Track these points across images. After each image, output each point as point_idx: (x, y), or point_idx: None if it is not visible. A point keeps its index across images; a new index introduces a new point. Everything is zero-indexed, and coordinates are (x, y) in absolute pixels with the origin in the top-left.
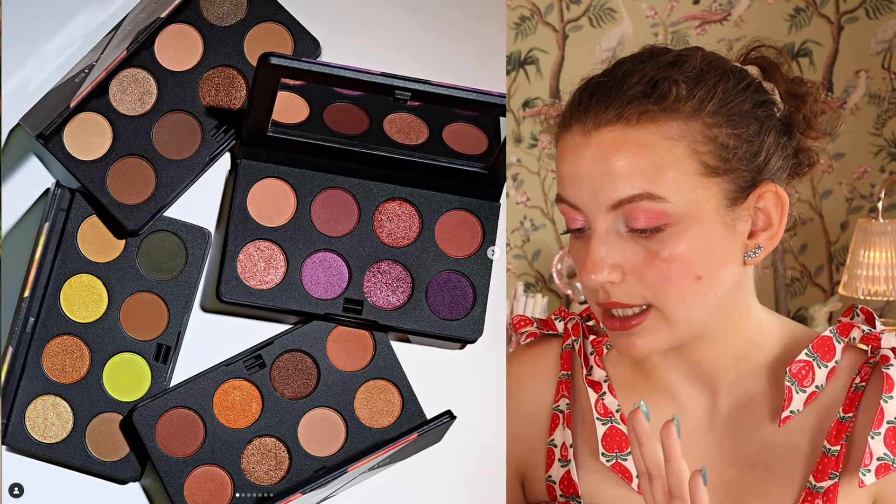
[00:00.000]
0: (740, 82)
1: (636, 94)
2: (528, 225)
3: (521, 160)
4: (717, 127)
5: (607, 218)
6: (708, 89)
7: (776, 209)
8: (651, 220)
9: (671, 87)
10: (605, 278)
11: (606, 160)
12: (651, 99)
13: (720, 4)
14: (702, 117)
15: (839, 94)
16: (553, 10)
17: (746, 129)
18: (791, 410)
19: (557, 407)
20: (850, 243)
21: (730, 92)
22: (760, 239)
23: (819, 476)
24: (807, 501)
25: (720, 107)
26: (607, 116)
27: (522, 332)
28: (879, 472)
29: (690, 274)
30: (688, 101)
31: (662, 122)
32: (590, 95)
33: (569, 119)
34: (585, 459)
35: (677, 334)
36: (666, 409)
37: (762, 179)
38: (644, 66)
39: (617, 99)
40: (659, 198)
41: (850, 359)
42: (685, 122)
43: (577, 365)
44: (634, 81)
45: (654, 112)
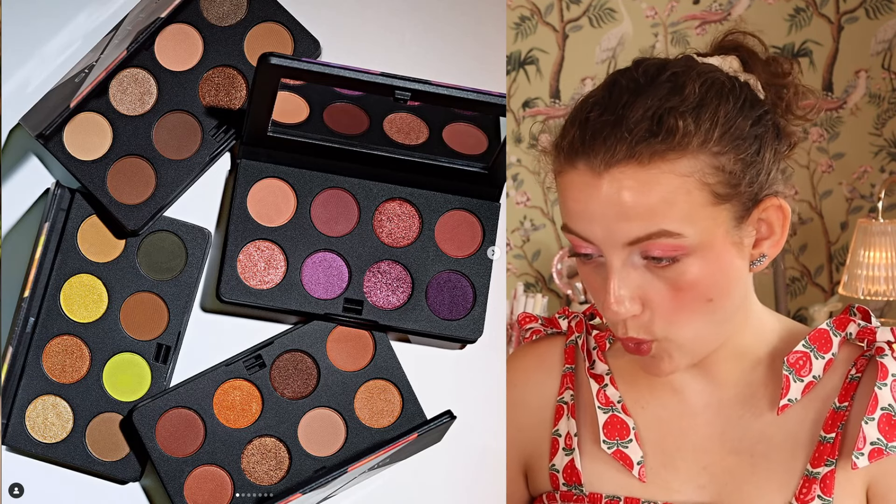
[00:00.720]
0: (738, 100)
1: (643, 131)
2: (528, 225)
3: (521, 160)
4: (724, 155)
5: (623, 252)
6: (711, 115)
7: (778, 218)
8: (668, 251)
9: (677, 122)
10: (628, 311)
11: (619, 201)
12: (659, 137)
13: (720, 4)
14: (709, 147)
15: (839, 94)
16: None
17: (749, 151)
18: (789, 399)
19: (562, 399)
20: (850, 243)
21: (731, 115)
22: (764, 247)
23: (816, 463)
24: (805, 488)
25: (724, 133)
26: (617, 157)
27: (527, 328)
28: (872, 457)
29: (702, 298)
30: (696, 135)
31: (673, 160)
32: (593, 134)
33: (572, 155)
34: (588, 448)
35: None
36: (669, 401)
37: (764, 195)
38: (645, 99)
39: (624, 138)
40: (676, 234)
41: (847, 353)
42: (694, 157)
43: (581, 359)
44: (638, 117)
45: (663, 151)
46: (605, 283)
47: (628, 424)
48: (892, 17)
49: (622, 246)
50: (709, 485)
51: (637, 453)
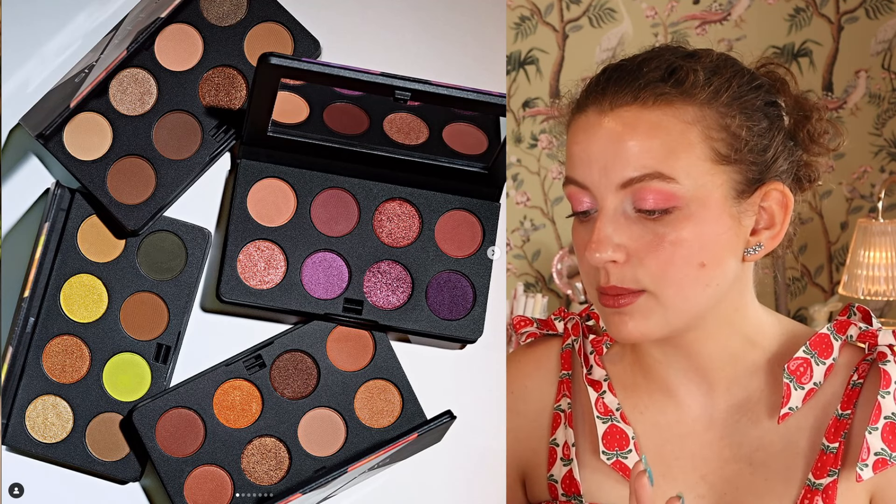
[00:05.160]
0: (753, 80)
1: (654, 77)
2: (528, 225)
3: (521, 160)
4: (731, 117)
5: (616, 197)
6: (724, 81)
7: (780, 209)
8: (660, 201)
9: (689, 73)
10: (609, 257)
11: (620, 139)
12: (669, 83)
13: (720, 4)
14: (716, 106)
15: (839, 94)
16: (553, 10)
17: (758, 124)
18: (790, 407)
19: (559, 406)
20: (850, 243)
21: (744, 87)
22: (762, 237)
23: (818, 473)
24: (806, 499)
25: (734, 99)
26: (624, 97)
27: (523, 332)
28: (877, 467)
29: (695, 260)
30: (704, 88)
31: (678, 106)
32: (607, 78)
33: (584, 101)
34: (587, 458)
35: (671, 321)
36: (665, 407)
37: (769, 177)
38: (662, 55)
39: (634, 81)
40: (669, 178)
41: (848, 356)
42: (700, 108)
43: (578, 364)
44: (653, 66)
45: (671, 95)
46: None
47: (627, 434)
48: (892, 17)
49: (616, 188)
50: (708, 494)
51: None
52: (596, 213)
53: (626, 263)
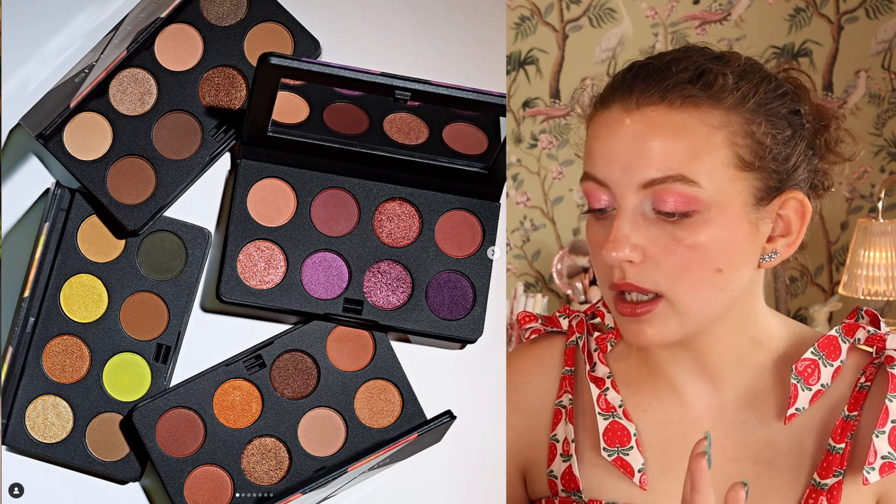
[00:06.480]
0: (779, 88)
1: (683, 78)
2: (528, 225)
3: (521, 160)
4: (756, 124)
5: (636, 197)
6: (751, 87)
7: (798, 217)
8: (680, 203)
9: (718, 77)
10: (626, 256)
11: (644, 139)
12: (697, 85)
13: (720, 4)
14: (743, 112)
15: (839, 94)
16: (553, 10)
17: (782, 132)
18: (797, 408)
19: (560, 402)
20: (850, 243)
21: (770, 94)
22: (778, 245)
23: (823, 473)
24: (811, 499)
25: (760, 105)
26: (651, 97)
27: (527, 327)
28: (883, 471)
29: (711, 265)
30: (732, 93)
31: (705, 109)
32: (634, 76)
33: (609, 97)
34: (587, 454)
35: (687, 326)
36: (669, 405)
37: (789, 185)
38: (691, 56)
39: (663, 81)
40: (692, 181)
41: (856, 359)
42: (727, 113)
43: (581, 361)
44: (682, 67)
45: (698, 98)
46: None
47: (629, 430)
48: (892, 17)
49: (637, 188)
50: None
51: (638, 460)
52: (613, 212)
53: (642, 264)
